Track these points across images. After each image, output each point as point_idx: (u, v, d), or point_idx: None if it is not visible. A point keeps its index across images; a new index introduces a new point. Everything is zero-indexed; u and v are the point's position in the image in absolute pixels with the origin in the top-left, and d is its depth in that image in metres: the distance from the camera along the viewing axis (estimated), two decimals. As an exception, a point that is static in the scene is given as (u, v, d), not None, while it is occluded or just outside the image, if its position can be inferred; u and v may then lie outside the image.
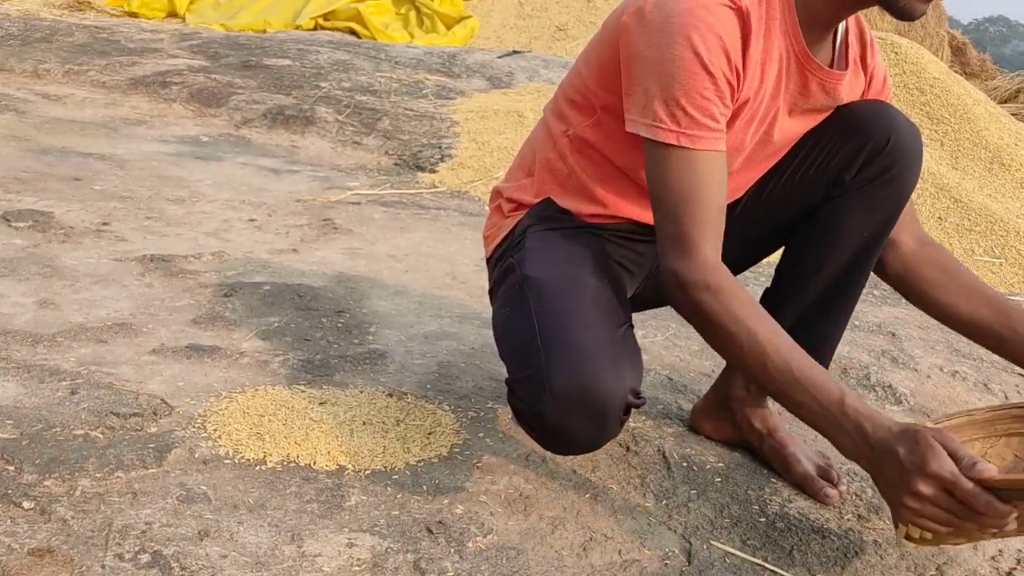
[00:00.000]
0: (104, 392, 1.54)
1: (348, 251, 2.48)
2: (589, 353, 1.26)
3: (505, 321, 1.41)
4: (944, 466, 1.10)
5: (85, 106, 3.87)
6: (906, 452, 1.13)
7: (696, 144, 1.27)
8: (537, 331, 1.31)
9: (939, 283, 1.50)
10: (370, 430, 1.51)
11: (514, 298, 1.39)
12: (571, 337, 1.28)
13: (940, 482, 1.10)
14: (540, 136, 1.52)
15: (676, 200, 1.28)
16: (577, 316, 1.31)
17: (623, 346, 1.32)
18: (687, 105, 1.25)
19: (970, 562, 1.38)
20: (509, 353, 1.37)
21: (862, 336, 2.29)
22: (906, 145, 1.43)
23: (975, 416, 1.39)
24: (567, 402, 1.25)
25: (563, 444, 1.33)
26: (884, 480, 1.16)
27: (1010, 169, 3.45)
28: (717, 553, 1.32)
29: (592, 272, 1.38)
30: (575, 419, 1.26)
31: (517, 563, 1.25)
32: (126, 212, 2.57)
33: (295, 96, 4.15)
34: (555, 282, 1.36)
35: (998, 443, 1.39)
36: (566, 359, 1.26)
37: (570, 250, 1.41)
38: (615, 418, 1.28)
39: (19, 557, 1.13)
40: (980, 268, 2.93)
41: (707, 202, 1.28)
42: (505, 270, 1.46)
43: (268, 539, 1.22)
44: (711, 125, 1.27)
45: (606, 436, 1.31)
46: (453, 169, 3.47)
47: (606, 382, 1.25)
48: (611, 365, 1.27)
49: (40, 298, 1.91)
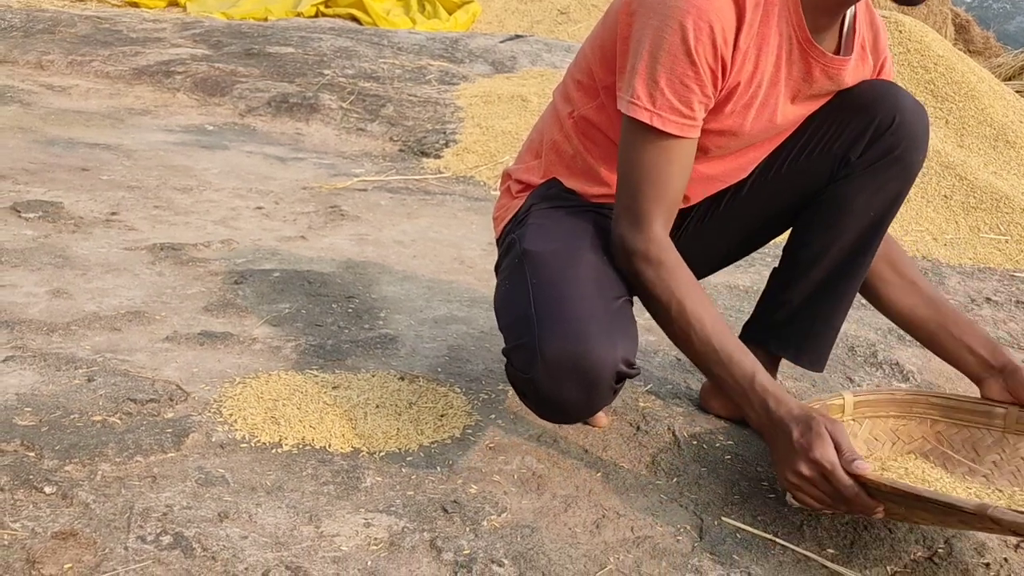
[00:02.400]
0: (120, 379, 1.56)
1: (356, 237, 2.49)
2: (581, 321, 1.30)
3: (503, 293, 1.44)
4: (826, 455, 1.22)
5: (90, 96, 3.88)
6: (798, 434, 1.24)
7: (667, 127, 1.31)
8: (532, 301, 1.34)
9: (884, 277, 1.58)
10: (383, 413, 1.53)
11: (513, 271, 1.43)
12: (564, 306, 1.32)
13: (819, 468, 1.22)
14: (548, 118, 1.54)
15: (638, 177, 1.35)
16: (572, 287, 1.34)
17: (617, 316, 1.34)
18: (666, 88, 1.29)
19: (978, 535, 1.40)
20: (506, 324, 1.40)
21: (868, 315, 2.30)
22: (912, 124, 1.44)
23: (896, 395, 1.53)
24: (559, 369, 1.28)
25: (556, 411, 1.36)
26: (776, 453, 1.28)
27: (1015, 146, 3.45)
28: (728, 529, 1.34)
29: (591, 247, 1.40)
30: (567, 386, 1.29)
31: (531, 540, 1.27)
32: (134, 202, 2.59)
33: (298, 84, 4.15)
34: (552, 255, 1.39)
35: (911, 423, 1.53)
36: (558, 327, 1.29)
37: (570, 226, 1.44)
38: (606, 386, 1.31)
39: (43, 540, 1.15)
40: (986, 245, 2.94)
41: (667, 183, 1.34)
42: (507, 246, 1.50)
43: (286, 520, 1.24)
44: (686, 112, 1.31)
45: (598, 403, 1.34)
46: (458, 154, 3.47)
47: (597, 350, 1.28)
48: (603, 333, 1.30)
49: (53, 288, 1.93)
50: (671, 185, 1.35)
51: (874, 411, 1.51)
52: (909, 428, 1.53)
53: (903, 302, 1.57)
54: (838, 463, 1.21)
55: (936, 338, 1.55)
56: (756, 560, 1.28)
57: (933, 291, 1.58)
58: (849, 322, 1.80)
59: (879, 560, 1.32)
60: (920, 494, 1.16)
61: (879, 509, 1.22)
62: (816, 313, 1.55)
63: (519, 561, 1.22)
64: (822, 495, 1.24)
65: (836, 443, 1.22)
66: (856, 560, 1.31)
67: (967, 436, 1.51)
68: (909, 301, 1.56)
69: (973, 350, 1.52)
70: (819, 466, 1.22)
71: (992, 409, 1.50)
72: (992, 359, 1.50)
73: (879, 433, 1.52)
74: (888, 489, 1.18)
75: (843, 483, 1.21)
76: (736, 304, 2.22)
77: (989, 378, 1.51)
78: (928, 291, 1.57)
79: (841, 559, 1.31)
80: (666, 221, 1.36)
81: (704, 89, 1.30)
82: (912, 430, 1.53)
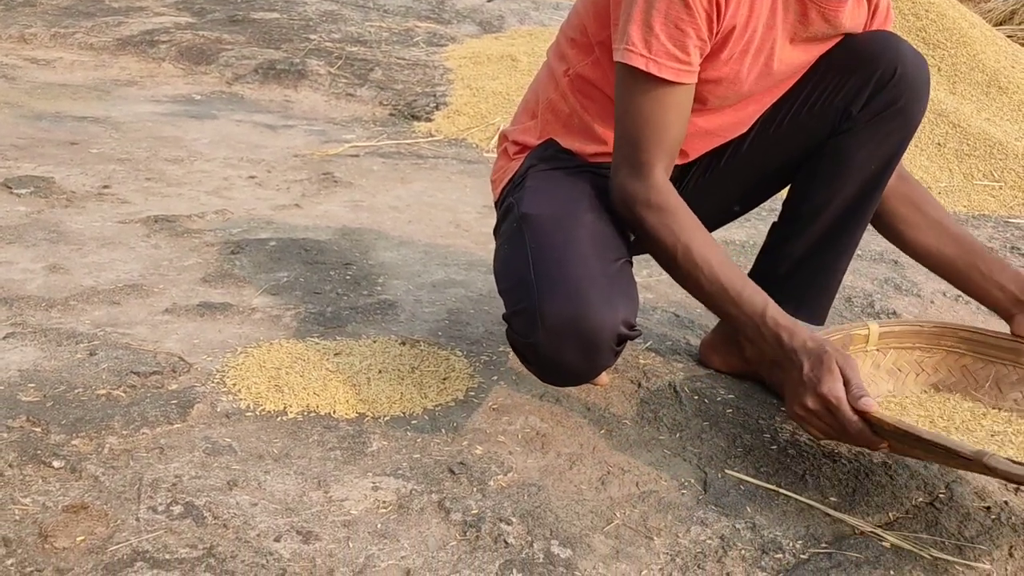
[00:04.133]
0: (122, 352, 1.56)
1: (350, 204, 2.48)
2: (580, 284, 1.29)
3: (502, 258, 1.44)
4: (834, 390, 1.23)
5: (75, 69, 3.84)
6: (808, 368, 1.26)
7: (662, 73, 1.30)
8: (531, 265, 1.34)
9: (910, 220, 1.56)
10: (386, 378, 1.53)
11: (511, 235, 1.42)
12: (564, 269, 1.31)
13: (826, 403, 1.24)
14: (543, 78, 1.53)
15: (636, 124, 1.34)
16: (571, 249, 1.34)
17: (617, 278, 1.34)
18: (661, 33, 1.28)
19: (978, 479, 1.42)
20: (505, 289, 1.40)
21: (865, 265, 2.31)
22: (913, 76, 1.43)
23: (923, 327, 1.52)
24: (559, 332, 1.28)
25: (557, 374, 1.37)
26: (787, 384, 1.30)
27: (1007, 92, 3.44)
28: (732, 481, 1.36)
29: (589, 208, 1.40)
30: (567, 349, 1.29)
31: (538, 499, 1.28)
32: (125, 174, 2.57)
33: (285, 50, 4.11)
34: (551, 218, 1.38)
35: (936, 355, 1.52)
36: (558, 290, 1.29)
37: (568, 187, 1.43)
38: (607, 348, 1.31)
39: (54, 514, 1.16)
40: (980, 192, 2.94)
41: (666, 130, 1.34)
42: (505, 209, 1.49)
43: (295, 486, 1.26)
44: (681, 57, 1.30)
45: (599, 366, 1.35)
46: (449, 117, 3.45)
47: (597, 312, 1.28)
48: (602, 295, 1.30)
49: (49, 263, 1.92)
50: (670, 132, 1.34)
51: (899, 342, 1.51)
52: (934, 360, 1.52)
53: (930, 242, 1.55)
54: (844, 399, 1.22)
55: (965, 276, 1.53)
56: (760, 510, 1.30)
57: (959, 229, 1.56)
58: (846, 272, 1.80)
59: (881, 507, 1.34)
60: (920, 435, 1.17)
61: (883, 445, 1.24)
62: (817, 266, 1.55)
63: (527, 519, 1.24)
64: (828, 428, 1.26)
65: (845, 378, 1.23)
66: (858, 507, 1.33)
67: (992, 372, 1.50)
68: (936, 241, 1.54)
69: (1003, 287, 1.50)
70: (826, 400, 1.23)
71: (1021, 346, 1.49)
72: (1023, 294, 1.48)
73: (903, 364, 1.51)
74: (890, 428, 1.19)
75: (848, 419, 1.22)
76: (735, 259, 2.22)
77: (1019, 314, 1.49)
78: (954, 229, 1.55)
79: (843, 507, 1.33)
80: (666, 167, 1.36)
81: (699, 32, 1.29)
82: (937, 363, 1.52)
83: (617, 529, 1.24)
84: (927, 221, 1.55)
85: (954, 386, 1.51)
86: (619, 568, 1.17)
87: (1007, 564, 1.24)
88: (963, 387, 1.51)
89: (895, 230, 1.58)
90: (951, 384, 1.51)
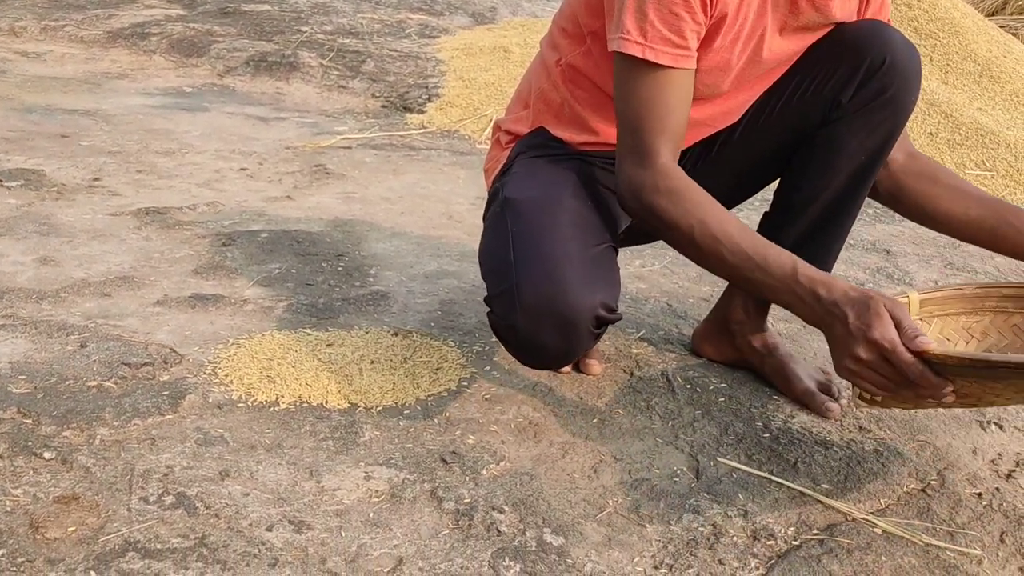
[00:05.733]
0: (113, 344, 1.56)
1: (342, 196, 2.48)
2: (559, 266, 1.29)
3: (485, 242, 1.45)
4: (886, 334, 1.13)
5: (65, 62, 3.82)
6: (854, 317, 1.15)
7: (660, 59, 1.28)
8: (511, 247, 1.34)
9: (930, 194, 1.51)
10: (379, 368, 1.53)
11: (495, 219, 1.43)
12: (542, 251, 1.31)
13: (879, 349, 1.13)
14: (536, 68, 1.53)
15: (637, 113, 1.31)
16: (551, 232, 1.34)
17: (597, 261, 1.34)
18: (655, 19, 1.27)
19: (970, 466, 1.42)
20: (487, 272, 1.40)
21: (857, 254, 2.31)
22: (903, 65, 1.42)
23: (965, 291, 1.42)
24: (536, 313, 1.28)
25: (536, 356, 1.37)
26: (833, 341, 1.19)
27: (999, 81, 3.45)
28: (724, 469, 1.36)
29: (573, 194, 1.40)
30: (545, 330, 1.30)
31: (531, 487, 1.28)
32: (116, 167, 2.56)
33: (277, 42, 4.09)
34: (533, 202, 1.38)
35: (984, 319, 1.42)
36: (536, 272, 1.30)
37: (553, 173, 1.43)
38: (585, 330, 1.31)
39: (45, 505, 1.16)
40: (972, 182, 2.94)
41: (668, 115, 1.30)
42: (492, 195, 1.50)
43: (287, 476, 1.25)
44: (678, 42, 1.28)
45: (577, 347, 1.35)
46: (441, 108, 3.44)
47: (574, 293, 1.28)
48: (581, 277, 1.30)
49: (39, 256, 1.92)
50: (672, 117, 1.31)
51: (943, 309, 1.42)
52: (983, 324, 1.43)
53: (955, 209, 1.48)
54: (899, 341, 1.12)
55: (998, 233, 1.46)
56: (752, 498, 1.30)
57: (980, 191, 1.51)
58: (838, 262, 1.81)
59: (873, 494, 1.34)
60: (991, 359, 1.09)
61: (948, 389, 1.14)
62: (808, 256, 1.53)
63: (519, 507, 1.24)
64: (884, 380, 1.16)
65: (896, 320, 1.14)
66: (850, 494, 1.33)
67: None
68: (961, 206, 1.48)
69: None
70: (879, 346, 1.13)
71: None
72: None
73: (951, 332, 1.43)
74: (955, 361, 1.10)
75: (906, 361, 1.12)
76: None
77: None
78: (976, 192, 1.50)
79: (835, 494, 1.33)
80: (673, 152, 1.32)
81: (694, 16, 1.28)
82: (986, 326, 1.43)
83: (609, 517, 1.24)
84: (946, 190, 1.50)
85: (1007, 348, 1.42)
86: (611, 556, 1.17)
87: (998, 550, 1.25)
88: (1017, 347, 1.42)
89: (918, 207, 1.53)
90: (1004, 347, 1.42)
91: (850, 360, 1.16)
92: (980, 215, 1.47)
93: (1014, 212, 1.47)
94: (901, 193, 1.54)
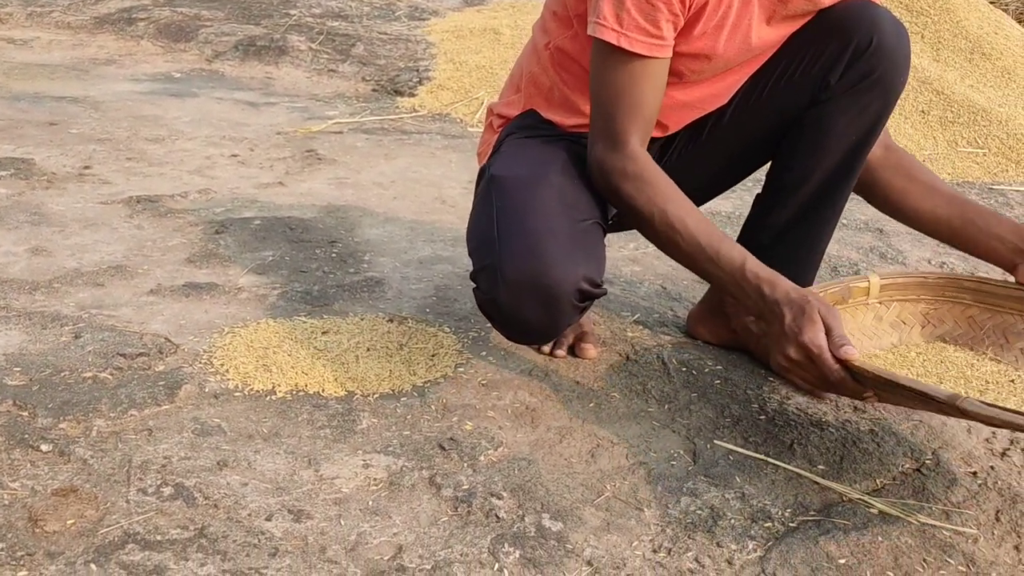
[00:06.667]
0: (108, 334, 1.55)
1: (334, 181, 2.47)
2: (541, 241, 1.31)
3: (472, 220, 1.46)
4: (815, 339, 1.22)
5: (52, 49, 3.78)
6: (790, 318, 1.25)
7: (634, 47, 1.30)
8: (495, 223, 1.35)
9: (902, 189, 1.55)
10: (375, 355, 1.53)
11: (481, 197, 1.44)
12: (525, 226, 1.33)
13: (807, 352, 1.23)
14: (527, 51, 1.53)
15: (611, 98, 1.34)
16: (534, 208, 1.35)
17: (581, 236, 1.35)
18: (632, 7, 1.28)
19: (965, 445, 1.43)
20: (472, 248, 1.42)
21: (850, 234, 2.31)
22: (891, 45, 1.42)
23: (927, 279, 1.50)
24: (519, 287, 1.30)
25: (520, 331, 1.39)
26: (771, 336, 1.29)
27: (991, 58, 3.44)
28: (720, 451, 1.37)
29: (560, 171, 1.41)
30: (527, 304, 1.31)
31: (529, 472, 1.29)
32: (106, 154, 2.54)
33: (265, 26, 4.06)
34: (518, 179, 1.40)
35: (942, 307, 1.50)
36: (519, 247, 1.31)
37: (540, 152, 1.44)
38: (567, 303, 1.32)
39: (44, 498, 1.16)
40: (964, 159, 2.94)
41: (640, 103, 1.34)
42: (479, 175, 1.51)
43: (286, 465, 1.25)
44: (653, 31, 1.29)
45: (561, 322, 1.36)
46: (432, 92, 3.43)
47: (556, 267, 1.30)
48: (563, 251, 1.31)
49: (31, 246, 1.91)
50: (644, 105, 1.34)
51: (903, 294, 1.49)
52: (940, 312, 1.50)
53: (924, 206, 1.53)
54: (826, 347, 1.21)
55: (963, 234, 1.50)
56: (749, 480, 1.31)
57: (951, 190, 1.55)
58: (831, 242, 1.81)
59: (868, 474, 1.35)
60: (899, 382, 1.17)
61: (868, 394, 1.24)
62: (800, 237, 1.55)
63: (518, 493, 1.24)
64: (810, 378, 1.26)
65: (828, 327, 1.23)
66: (846, 475, 1.34)
67: (999, 322, 1.47)
68: (930, 204, 1.52)
69: (1002, 238, 1.47)
70: (807, 350, 1.22)
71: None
72: (1023, 243, 1.46)
73: (907, 316, 1.49)
74: (871, 375, 1.20)
75: (829, 367, 1.22)
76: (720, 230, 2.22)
77: (1022, 263, 1.46)
78: (946, 190, 1.54)
79: (831, 475, 1.34)
80: (642, 139, 1.36)
81: (671, 7, 1.29)
82: (943, 314, 1.50)
83: (607, 501, 1.25)
84: (918, 186, 1.54)
85: (960, 337, 1.48)
86: (610, 540, 1.18)
87: (994, 528, 1.26)
88: (970, 338, 1.48)
89: (888, 200, 1.57)
90: (957, 336, 1.48)
91: (782, 357, 1.26)
92: (947, 214, 1.52)
93: (980, 213, 1.50)
94: (875, 185, 1.56)
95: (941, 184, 1.56)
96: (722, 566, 1.15)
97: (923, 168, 1.58)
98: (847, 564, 1.16)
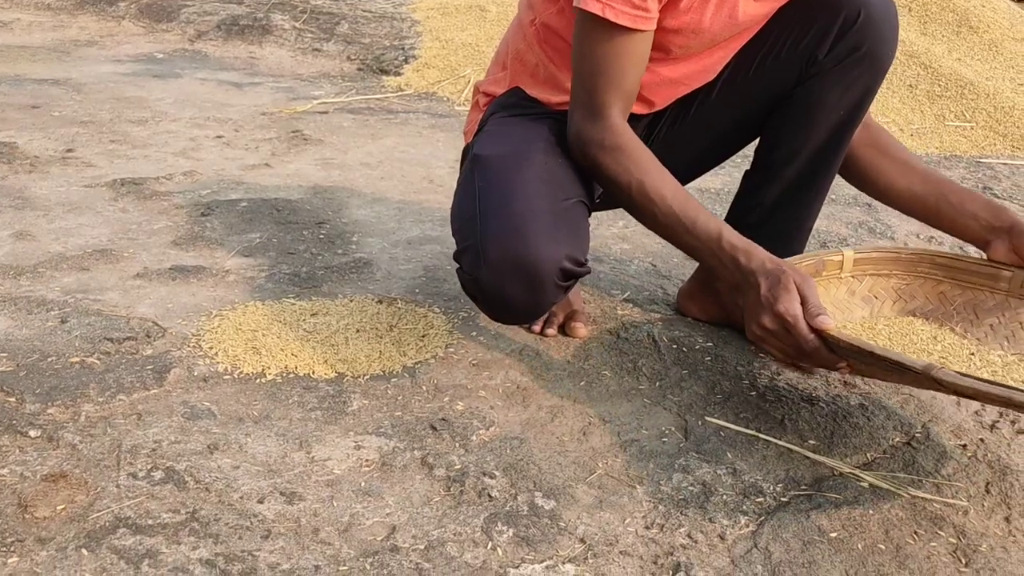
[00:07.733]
0: (94, 319, 1.54)
1: (321, 162, 2.45)
2: (523, 220, 1.31)
3: (455, 200, 1.45)
4: (791, 308, 1.22)
5: (33, 30, 3.74)
6: (766, 288, 1.25)
7: (619, 19, 1.29)
8: (477, 202, 1.35)
9: (878, 166, 1.55)
10: (364, 337, 1.52)
11: (465, 177, 1.44)
12: (508, 205, 1.32)
13: (783, 321, 1.23)
14: (513, 28, 1.52)
15: (592, 70, 1.33)
16: (517, 186, 1.34)
17: (564, 215, 1.35)
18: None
19: (954, 418, 1.44)
20: (456, 228, 1.41)
21: (839, 209, 2.31)
22: (879, 19, 1.41)
23: (901, 254, 1.51)
24: (501, 266, 1.30)
25: (503, 310, 1.38)
26: (746, 306, 1.29)
27: (978, 31, 3.44)
28: (712, 428, 1.37)
29: (543, 150, 1.40)
30: (510, 283, 1.31)
31: (521, 451, 1.28)
32: (89, 137, 2.52)
33: (248, 4, 4.02)
34: (501, 158, 1.39)
35: (914, 283, 1.52)
36: (501, 226, 1.31)
37: (524, 130, 1.44)
38: (550, 282, 1.32)
39: (33, 484, 1.15)
40: (952, 133, 2.95)
41: (622, 75, 1.33)
42: (463, 155, 1.51)
43: (277, 448, 1.25)
44: (637, 3, 1.29)
45: (544, 300, 1.36)
46: (418, 70, 3.40)
47: (539, 246, 1.29)
48: (546, 230, 1.31)
49: (15, 230, 1.89)
50: (626, 77, 1.34)
51: (876, 268, 1.50)
52: (912, 288, 1.51)
53: (899, 183, 1.54)
54: (801, 317, 1.22)
55: (937, 211, 1.51)
56: (741, 456, 1.31)
57: (926, 168, 1.56)
58: (820, 217, 1.81)
59: (859, 448, 1.35)
60: (873, 351, 1.17)
61: (842, 364, 1.25)
62: (789, 213, 1.55)
63: (510, 472, 1.24)
64: (785, 347, 1.26)
65: (803, 297, 1.23)
66: (837, 449, 1.35)
67: (969, 298, 1.49)
68: (905, 181, 1.53)
69: (976, 215, 1.48)
70: (782, 319, 1.23)
71: (999, 272, 1.48)
72: (996, 220, 1.46)
73: (879, 291, 1.51)
74: (845, 345, 1.19)
75: (804, 336, 1.22)
76: (709, 207, 2.22)
77: (995, 240, 1.47)
78: (921, 168, 1.55)
79: (822, 449, 1.34)
80: (623, 111, 1.36)
81: None
82: (914, 290, 1.51)
83: (600, 479, 1.25)
84: (893, 163, 1.55)
85: (931, 313, 1.50)
86: (603, 517, 1.18)
87: (984, 500, 1.26)
88: (940, 313, 1.50)
89: (863, 176, 1.57)
90: (928, 311, 1.51)
91: (757, 327, 1.26)
92: (923, 192, 1.52)
93: (955, 192, 1.51)
94: (850, 161, 1.56)
95: (917, 162, 1.56)
96: (715, 541, 1.15)
97: (899, 145, 1.58)
98: (839, 537, 1.17)
